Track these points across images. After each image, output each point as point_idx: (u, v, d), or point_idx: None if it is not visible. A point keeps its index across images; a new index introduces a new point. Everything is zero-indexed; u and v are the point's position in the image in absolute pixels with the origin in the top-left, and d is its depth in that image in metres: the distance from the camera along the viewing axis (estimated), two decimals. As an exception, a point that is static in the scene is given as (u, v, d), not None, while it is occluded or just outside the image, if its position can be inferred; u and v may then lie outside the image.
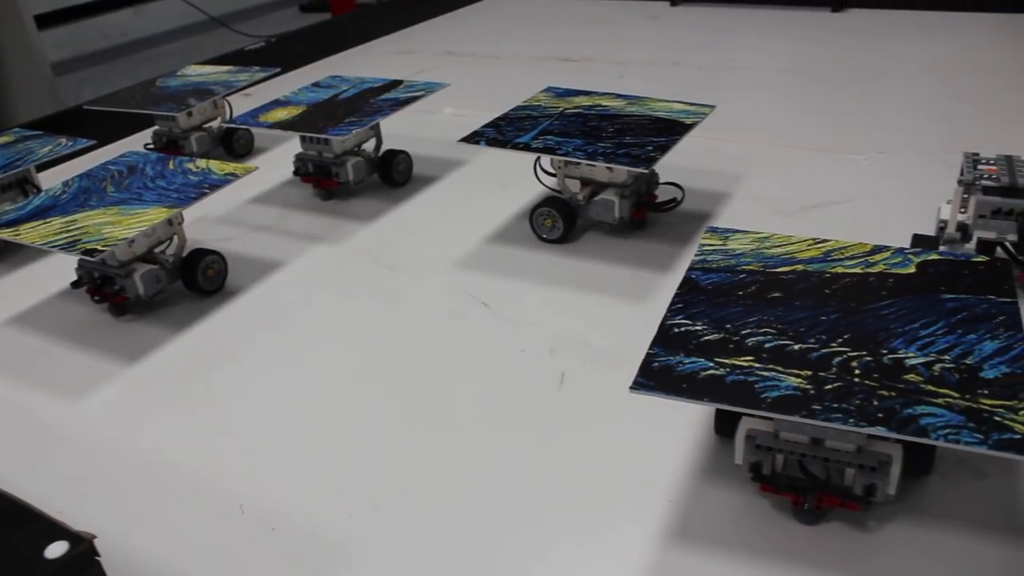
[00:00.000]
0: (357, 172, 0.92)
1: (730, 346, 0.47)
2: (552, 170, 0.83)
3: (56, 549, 0.38)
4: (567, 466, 0.55)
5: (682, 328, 0.49)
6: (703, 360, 0.46)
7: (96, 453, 0.59)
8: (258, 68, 1.13)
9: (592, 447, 0.56)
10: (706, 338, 0.48)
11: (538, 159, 0.85)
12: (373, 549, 0.50)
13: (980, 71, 1.23)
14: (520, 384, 0.63)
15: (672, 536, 0.49)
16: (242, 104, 1.16)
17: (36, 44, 1.82)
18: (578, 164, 0.80)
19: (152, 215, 0.70)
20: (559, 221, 0.81)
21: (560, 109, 0.86)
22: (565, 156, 0.75)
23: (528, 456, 0.56)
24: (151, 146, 1.07)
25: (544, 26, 1.69)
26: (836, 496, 0.47)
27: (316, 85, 1.03)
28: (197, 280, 0.76)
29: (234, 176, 0.76)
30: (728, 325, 0.49)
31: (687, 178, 0.87)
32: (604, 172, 0.79)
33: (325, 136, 0.88)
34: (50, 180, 0.89)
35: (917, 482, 0.51)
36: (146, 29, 2.78)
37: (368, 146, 0.96)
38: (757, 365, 0.46)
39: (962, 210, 0.68)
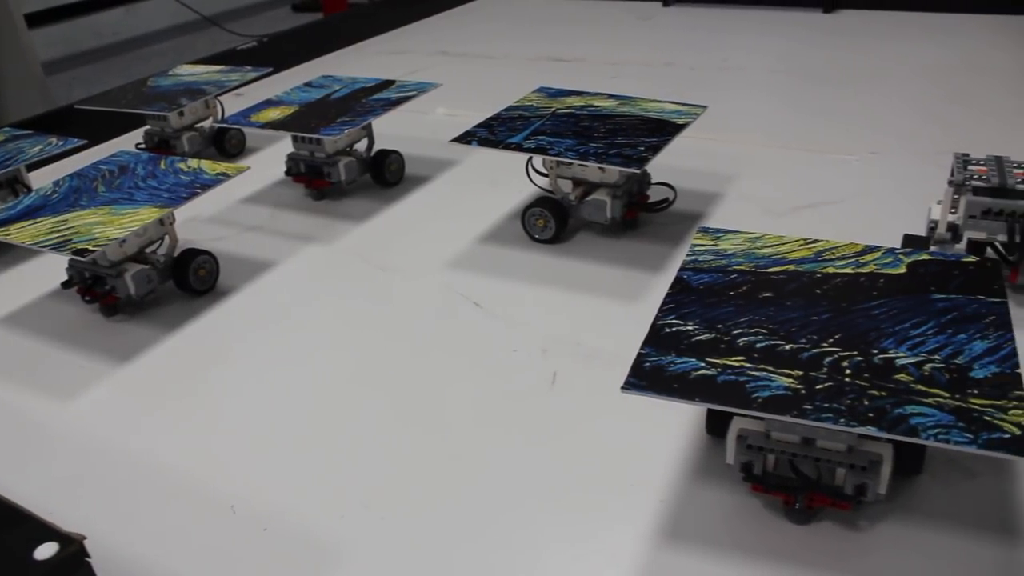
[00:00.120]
0: (349, 172, 0.92)
1: (721, 346, 0.48)
2: (544, 170, 0.83)
3: (46, 550, 0.38)
4: (559, 466, 0.55)
5: (673, 328, 0.49)
6: (694, 360, 0.46)
7: (87, 454, 0.59)
8: (250, 68, 1.12)
9: (584, 447, 0.56)
10: (697, 338, 0.48)
11: (530, 159, 0.85)
12: (364, 549, 0.50)
13: (971, 72, 1.23)
14: (512, 384, 0.63)
15: (664, 536, 0.49)
16: (234, 104, 1.16)
17: (27, 43, 1.81)
18: (570, 164, 0.80)
19: (143, 215, 0.70)
20: (551, 221, 0.81)
21: (552, 109, 0.86)
22: (557, 156, 0.75)
23: (520, 456, 0.56)
24: (142, 146, 1.07)
25: (537, 26, 1.69)
26: (827, 496, 0.47)
27: (308, 85, 1.03)
28: (188, 280, 0.76)
29: (225, 176, 0.76)
30: (719, 325, 0.49)
31: (679, 178, 0.87)
32: (596, 172, 0.79)
33: (317, 136, 0.88)
34: (41, 180, 0.89)
35: (907, 481, 0.51)
36: (138, 28, 2.77)
37: (360, 146, 0.96)
38: (748, 365, 0.46)
39: (952, 210, 0.68)
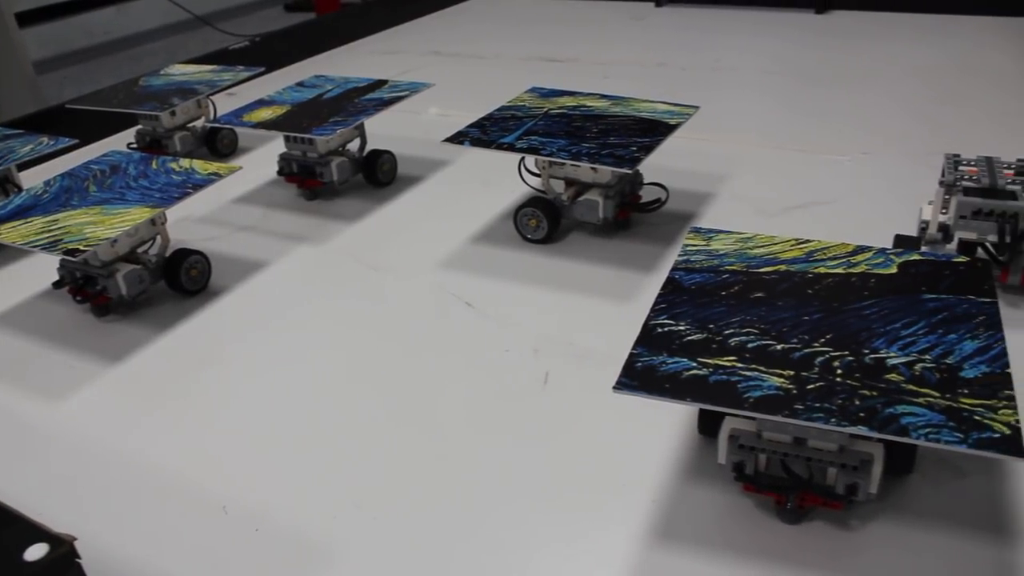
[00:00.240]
0: (341, 172, 0.92)
1: (713, 346, 0.48)
2: (536, 170, 0.83)
3: (36, 551, 0.37)
4: (551, 466, 0.55)
5: (665, 328, 0.49)
6: (686, 360, 0.47)
7: (78, 454, 0.59)
8: (242, 67, 1.12)
9: (576, 447, 0.57)
10: (689, 338, 0.48)
11: (522, 159, 0.85)
12: (357, 549, 0.50)
13: (962, 73, 1.24)
14: (504, 384, 0.63)
15: (656, 536, 0.49)
16: (226, 103, 1.16)
17: (17, 42, 1.80)
18: (562, 164, 0.80)
19: (135, 215, 0.70)
20: (543, 221, 0.81)
21: (545, 109, 0.86)
22: (549, 156, 0.75)
23: (511, 456, 0.56)
24: (134, 145, 1.06)
25: (529, 26, 1.69)
26: (818, 495, 0.47)
27: (300, 85, 1.03)
28: (180, 280, 0.76)
29: (217, 176, 0.76)
30: (711, 325, 0.50)
31: (671, 178, 0.87)
32: (588, 172, 0.79)
33: (309, 136, 0.88)
34: (31, 179, 0.88)
35: (898, 481, 0.51)
36: (129, 28, 2.76)
37: (352, 146, 0.96)
38: (740, 365, 0.46)
39: (943, 211, 0.69)
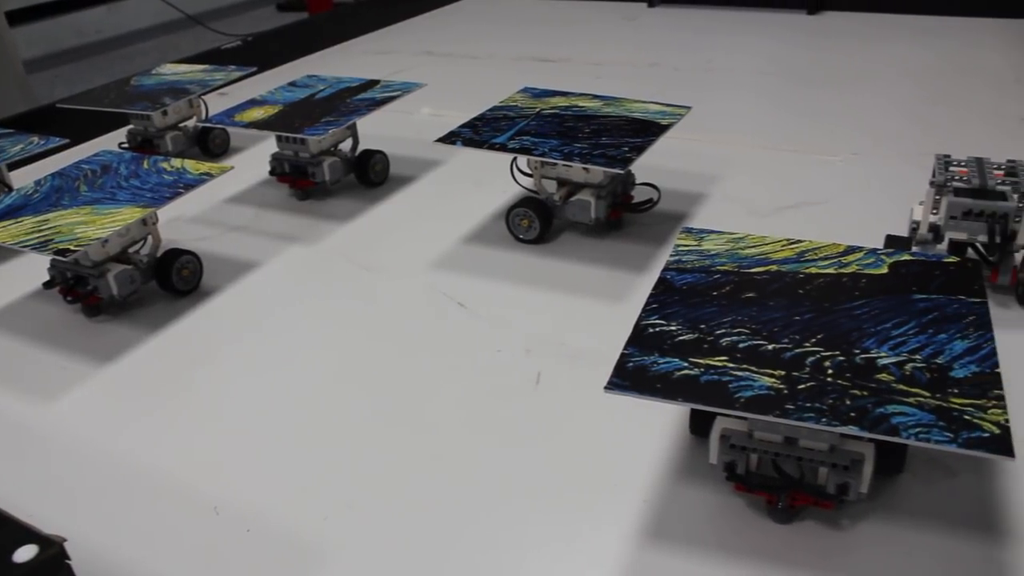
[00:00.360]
0: (333, 172, 0.92)
1: (704, 346, 0.48)
2: (528, 170, 0.83)
3: (25, 553, 0.37)
4: (542, 466, 0.55)
5: (657, 328, 0.49)
6: (677, 360, 0.47)
7: (68, 455, 0.59)
8: (234, 67, 1.12)
9: (567, 447, 0.57)
10: (680, 338, 0.49)
11: (514, 159, 0.85)
12: (348, 550, 0.50)
13: (953, 74, 1.24)
14: (496, 384, 0.63)
15: (647, 536, 0.49)
16: (218, 103, 1.15)
17: (7, 41, 1.79)
18: (554, 165, 0.80)
19: (126, 215, 0.69)
20: (535, 221, 0.81)
21: (537, 109, 0.86)
22: (541, 157, 0.75)
23: (503, 456, 0.56)
24: (125, 145, 1.06)
25: (522, 27, 1.69)
26: (809, 495, 0.48)
27: (293, 84, 1.03)
28: (171, 280, 0.75)
29: (209, 176, 0.76)
30: (702, 325, 0.50)
31: (663, 179, 0.88)
32: (580, 173, 0.79)
33: (301, 136, 0.87)
34: (22, 179, 0.88)
35: (889, 480, 0.52)
36: (121, 27, 2.75)
37: (345, 146, 0.96)
38: (731, 365, 0.46)
39: (934, 211, 0.69)
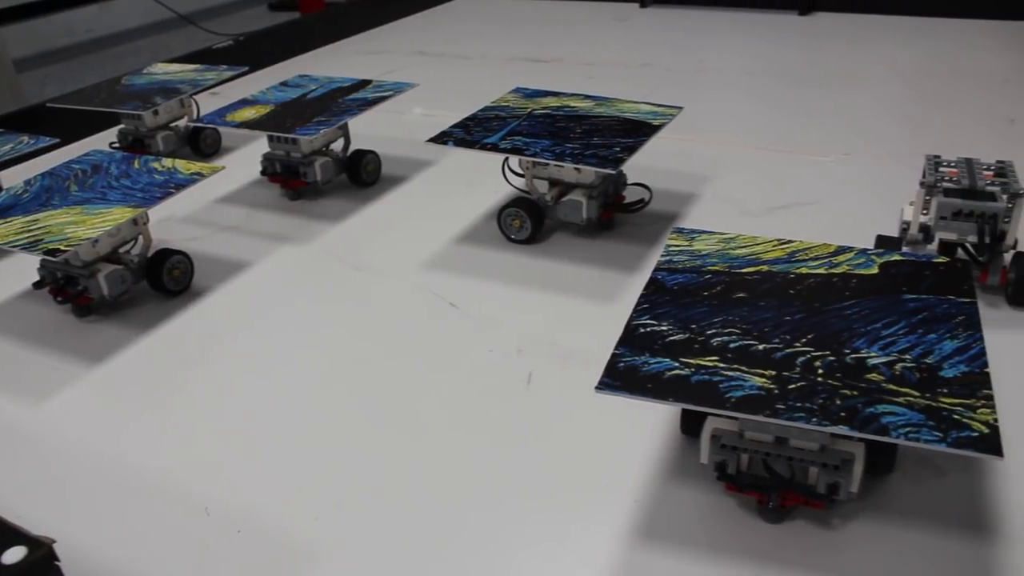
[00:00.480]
0: (325, 172, 0.92)
1: (695, 346, 0.48)
2: (520, 171, 0.83)
3: (14, 554, 0.37)
4: (533, 466, 0.55)
5: (648, 328, 0.50)
6: (668, 360, 0.47)
7: (58, 456, 0.58)
8: (226, 67, 1.12)
9: (558, 447, 0.57)
10: (671, 338, 0.49)
11: (506, 160, 0.85)
12: (339, 550, 0.50)
13: (944, 75, 1.25)
14: (487, 384, 0.63)
15: (638, 536, 0.49)
16: (209, 103, 1.15)
17: (-2, 40, 1.79)
18: (546, 165, 0.80)
19: (116, 215, 0.69)
20: (527, 221, 0.81)
21: (528, 110, 0.86)
22: (533, 157, 0.75)
23: (494, 456, 0.56)
24: (116, 145, 1.06)
25: (514, 27, 1.69)
26: (800, 494, 0.48)
27: (284, 84, 1.02)
28: (162, 280, 0.75)
29: (200, 176, 0.76)
30: (693, 325, 0.50)
31: (655, 179, 0.88)
32: (572, 173, 0.80)
33: (293, 136, 0.87)
34: (12, 179, 0.88)
35: (879, 480, 0.52)
36: (112, 26, 2.74)
37: (336, 146, 0.96)
38: (722, 365, 0.46)
39: (924, 212, 0.69)
